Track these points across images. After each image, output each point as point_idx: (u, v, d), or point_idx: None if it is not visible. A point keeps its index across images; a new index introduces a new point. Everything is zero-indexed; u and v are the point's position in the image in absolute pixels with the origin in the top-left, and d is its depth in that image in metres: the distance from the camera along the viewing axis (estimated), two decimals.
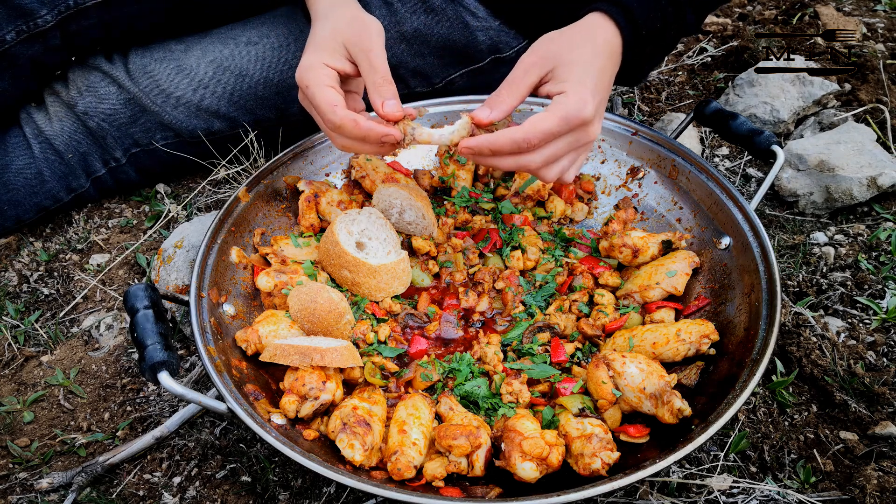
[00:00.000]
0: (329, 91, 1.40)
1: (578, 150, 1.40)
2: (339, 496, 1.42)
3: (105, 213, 2.09)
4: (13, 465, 1.53)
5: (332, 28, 1.48)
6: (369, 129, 1.35)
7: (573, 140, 1.35)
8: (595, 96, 1.33)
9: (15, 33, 1.79)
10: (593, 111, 1.32)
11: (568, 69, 1.34)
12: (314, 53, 1.46)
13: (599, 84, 1.37)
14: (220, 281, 1.55)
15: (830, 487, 1.40)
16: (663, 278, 1.59)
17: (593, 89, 1.33)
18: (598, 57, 1.38)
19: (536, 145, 1.31)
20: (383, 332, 1.56)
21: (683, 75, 2.47)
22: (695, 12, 1.59)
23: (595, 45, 1.39)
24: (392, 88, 1.40)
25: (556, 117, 1.30)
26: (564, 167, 1.40)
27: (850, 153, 1.93)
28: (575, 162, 1.42)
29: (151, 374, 1.25)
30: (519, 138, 1.30)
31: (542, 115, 1.30)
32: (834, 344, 1.62)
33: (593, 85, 1.34)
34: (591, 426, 1.32)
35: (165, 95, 1.94)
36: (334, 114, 1.37)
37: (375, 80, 1.41)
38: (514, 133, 1.30)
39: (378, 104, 1.38)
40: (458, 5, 1.96)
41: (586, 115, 1.31)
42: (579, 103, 1.30)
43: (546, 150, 1.34)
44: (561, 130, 1.31)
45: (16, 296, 1.88)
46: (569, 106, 1.30)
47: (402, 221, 1.74)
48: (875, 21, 2.59)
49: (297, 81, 1.45)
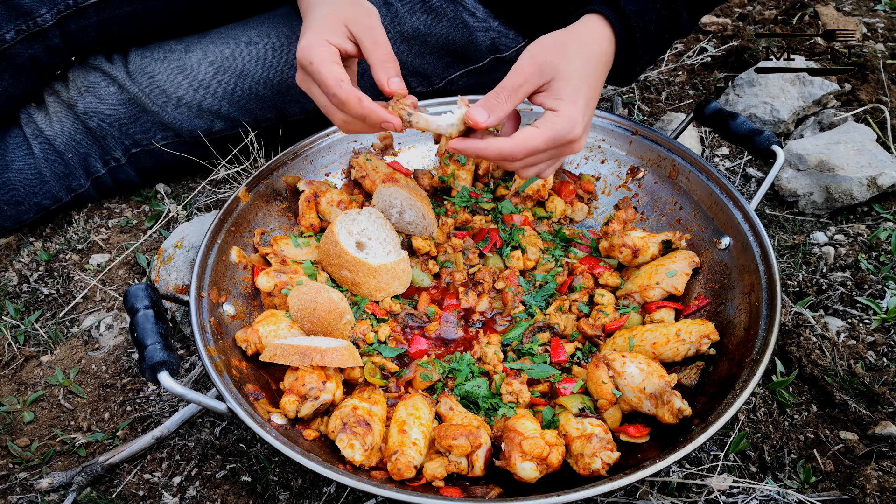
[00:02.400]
0: (335, 66, 1.40)
1: (559, 158, 1.47)
2: (339, 496, 1.42)
3: (105, 213, 2.09)
4: (13, 465, 1.53)
5: (333, 10, 1.49)
6: (371, 109, 1.36)
7: (556, 153, 1.40)
8: (585, 114, 1.38)
9: (15, 32, 1.79)
10: (581, 130, 1.38)
11: (562, 85, 1.37)
12: (316, 32, 1.46)
13: (591, 99, 1.41)
14: (220, 281, 1.55)
15: (830, 487, 1.40)
16: (663, 278, 1.59)
17: (584, 107, 1.38)
18: (593, 67, 1.42)
19: (521, 158, 1.36)
20: (383, 332, 1.56)
21: (683, 75, 2.47)
22: (689, 14, 1.60)
23: (590, 54, 1.42)
24: (396, 66, 1.43)
25: (544, 137, 1.34)
26: (542, 169, 1.46)
27: (850, 153, 1.93)
28: (553, 165, 1.49)
29: (151, 374, 1.25)
30: (506, 152, 1.34)
31: (531, 131, 1.34)
32: (834, 344, 1.62)
33: (584, 102, 1.38)
34: (591, 426, 1.32)
35: (165, 95, 1.94)
36: (340, 88, 1.37)
37: (380, 55, 1.43)
38: (501, 145, 1.34)
39: (384, 80, 1.40)
40: (458, 5, 1.96)
41: (574, 136, 1.36)
42: (569, 124, 1.35)
43: (529, 160, 1.39)
44: (547, 148, 1.36)
45: (16, 296, 1.88)
46: (558, 127, 1.34)
47: (402, 221, 1.74)
48: (875, 21, 2.59)
49: (298, 59, 1.45)
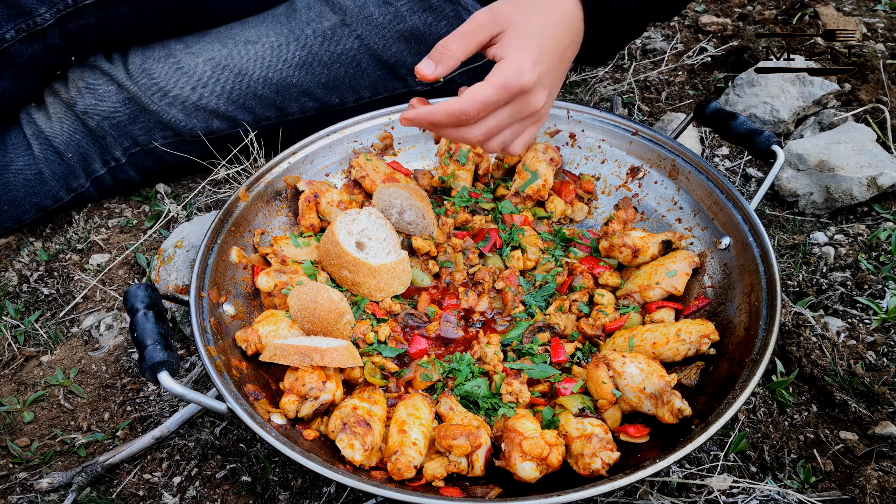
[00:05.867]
0: None
1: (523, 123, 1.38)
2: (339, 496, 1.42)
3: (105, 213, 2.09)
4: (13, 465, 1.53)
5: None
6: None
7: (514, 111, 1.33)
8: (538, 65, 1.30)
9: (14, 32, 1.79)
10: (533, 79, 1.30)
11: (514, 34, 1.31)
12: None
13: (546, 53, 1.33)
14: (220, 281, 1.55)
15: (830, 487, 1.40)
16: (663, 278, 1.59)
17: (536, 58, 1.30)
18: (550, 27, 1.35)
19: (475, 115, 1.29)
20: (383, 332, 1.56)
21: (683, 75, 2.47)
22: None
23: (549, 13, 1.36)
24: None
25: (492, 86, 1.28)
26: (507, 139, 1.38)
27: (850, 153, 1.93)
28: (521, 135, 1.39)
29: (151, 374, 1.25)
30: (456, 109, 1.28)
31: (479, 84, 1.28)
32: (834, 344, 1.62)
33: (537, 53, 1.31)
34: (591, 426, 1.32)
35: (165, 94, 1.94)
36: None
37: None
38: (450, 104, 1.28)
39: None
40: (457, 4, 1.96)
41: (525, 83, 1.29)
42: (516, 69, 1.28)
43: (487, 121, 1.32)
44: (500, 99, 1.29)
45: (16, 296, 1.88)
46: (506, 72, 1.28)
47: (402, 221, 1.74)
48: (875, 21, 2.59)
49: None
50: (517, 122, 1.36)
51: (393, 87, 2.05)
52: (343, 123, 1.84)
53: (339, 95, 2.03)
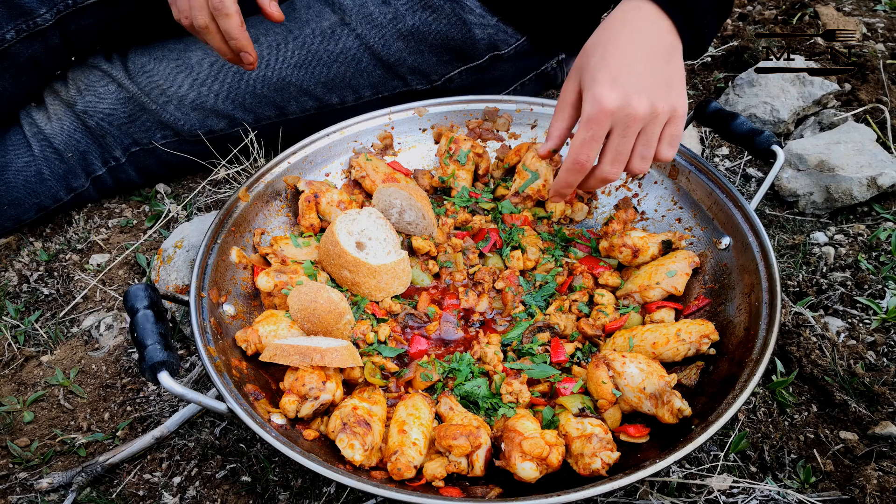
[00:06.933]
0: None
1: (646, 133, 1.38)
2: (339, 496, 1.42)
3: (105, 213, 2.09)
4: (13, 465, 1.53)
5: None
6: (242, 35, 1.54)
7: (621, 130, 1.36)
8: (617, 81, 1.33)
9: (15, 32, 1.79)
10: (615, 97, 1.33)
11: (587, 76, 1.39)
12: None
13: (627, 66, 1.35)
14: (220, 281, 1.55)
15: (830, 487, 1.40)
16: (663, 278, 1.59)
17: (614, 76, 1.34)
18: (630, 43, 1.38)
19: (587, 157, 1.38)
20: (383, 332, 1.56)
21: None
22: None
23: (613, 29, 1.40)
24: None
25: (581, 126, 1.37)
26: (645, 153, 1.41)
27: (850, 153, 1.93)
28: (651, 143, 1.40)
29: (151, 374, 1.25)
30: (569, 164, 1.41)
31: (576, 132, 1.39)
32: (834, 344, 1.62)
33: (615, 71, 1.34)
34: (591, 426, 1.32)
35: (164, 94, 1.94)
36: None
37: None
38: (563, 164, 1.43)
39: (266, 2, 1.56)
40: (456, 3, 1.96)
41: (606, 105, 1.33)
42: (592, 101, 1.35)
43: (606, 154, 1.39)
44: (596, 132, 1.35)
45: (16, 296, 1.88)
46: (586, 110, 1.36)
47: (402, 221, 1.74)
48: (875, 21, 2.59)
49: None
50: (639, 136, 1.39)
51: (393, 86, 2.05)
52: (343, 123, 1.84)
53: (338, 94, 2.03)
